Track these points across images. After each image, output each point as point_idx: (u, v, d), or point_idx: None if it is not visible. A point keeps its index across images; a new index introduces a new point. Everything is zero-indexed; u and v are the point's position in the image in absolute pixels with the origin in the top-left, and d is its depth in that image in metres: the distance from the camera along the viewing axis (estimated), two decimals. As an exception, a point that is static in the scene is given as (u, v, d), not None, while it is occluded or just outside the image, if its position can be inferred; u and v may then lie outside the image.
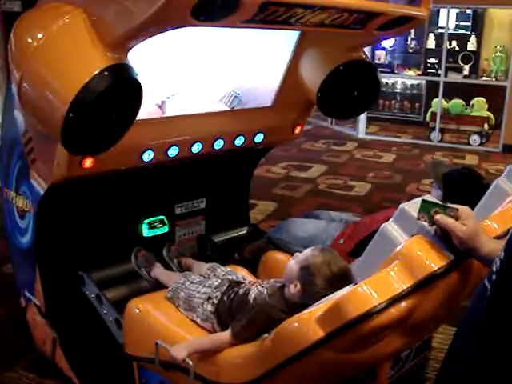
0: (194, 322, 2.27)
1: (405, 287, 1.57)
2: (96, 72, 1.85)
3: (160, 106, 2.53)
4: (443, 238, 1.65)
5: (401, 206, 1.76)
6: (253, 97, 2.88)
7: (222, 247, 3.21)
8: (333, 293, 1.81)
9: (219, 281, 2.33)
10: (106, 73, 1.86)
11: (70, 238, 2.68)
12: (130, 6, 1.82)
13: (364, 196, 6.30)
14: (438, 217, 1.62)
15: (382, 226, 1.78)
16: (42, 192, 2.47)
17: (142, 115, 2.15)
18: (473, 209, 2.29)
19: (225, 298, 2.22)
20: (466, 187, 2.63)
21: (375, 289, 1.55)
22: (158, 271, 2.63)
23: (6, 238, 2.94)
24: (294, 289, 1.98)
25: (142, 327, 2.31)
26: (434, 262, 1.61)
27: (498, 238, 1.88)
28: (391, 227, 1.76)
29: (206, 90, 2.68)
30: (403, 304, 1.55)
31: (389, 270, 1.61)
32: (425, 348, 2.38)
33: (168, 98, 2.54)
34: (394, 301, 1.53)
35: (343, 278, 1.89)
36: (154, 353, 2.13)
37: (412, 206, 1.73)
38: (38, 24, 2.00)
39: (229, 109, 2.80)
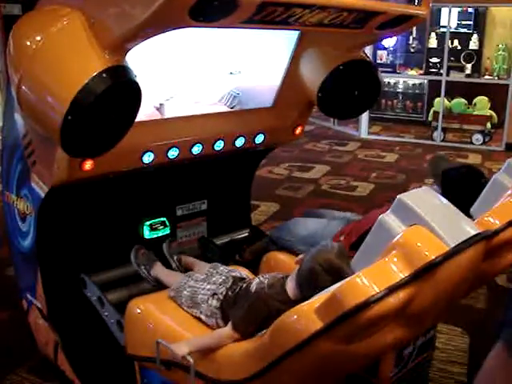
0: (198, 318, 2.27)
1: (402, 276, 1.56)
2: (94, 74, 1.85)
3: (159, 109, 2.52)
4: None
5: (398, 196, 1.77)
6: (253, 97, 2.87)
7: (224, 249, 3.20)
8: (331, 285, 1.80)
9: (223, 277, 2.33)
10: (104, 75, 1.86)
11: (71, 240, 2.68)
12: (127, 8, 1.82)
13: (367, 196, 6.29)
14: None
15: (380, 216, 1.78)
16: (42, 195, 2.47)
17: (141, 117, 2.15)
18: (470, 206, 2.31)
19: (230, 293, 2.22)
20: (463, 187, 2.62)
21: (373, 278, 1.55)
22: (159, 270, 2.62)
23: (7, 241, 2.94)
24: (293, 275, 2.00)
25: (143, 327, 2.31)
26: (431, 251, 1.61)
27: (497, 231, 1.89)
28: (389, 218, 1.75)
29: (206, 90, 2.67)
30: (401, 293, 1.55)
31: (387, 260, 1.61)
32: (428, 347, 2.36)
33: (167, 99, 2.53)
34: (392, 290, 1.53)
35: (345, 272, 1.88)
36: (154, 352, 2.12)
37: (409, 197, 1.73)
38: (36, 27, 2.01)
39: (228, 109, 2.79)
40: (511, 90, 8.68)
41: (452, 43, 10.17)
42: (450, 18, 9.36)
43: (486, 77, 9.80)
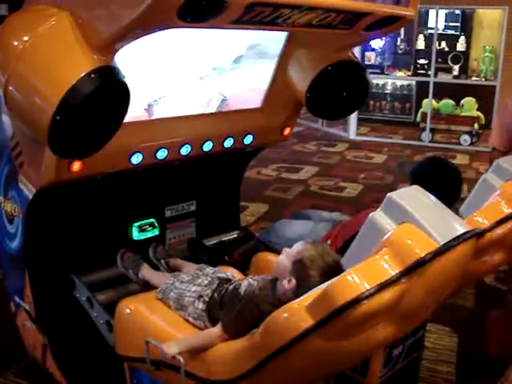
0: (186, 320, 2.26)
1: (393, 273, 1.58)
2: (83, 74, 1.84)
3: (147, 110, 2.52)
4: None
5: (388, 194, 1.79)
6: (241, 98, 2.87)
7: (213, 250, 3.20)
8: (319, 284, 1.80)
9: (209, 279, 2.32)
10: (92, 75, 1.85)
11: (59, 242, 2.66)
12: (115, 9, 1.81)
13: (355, 197, 6.31)
14: None
15: (370, 215, 1.80)
16: (30, 196, 2.45)
17: (129, 118, 2.14)
18: (452, 197, 2.33)
19: (215, 295, 2.22)
20: (433, 176, 2.60)
21: (363, 275, 1.56)
22: (146, 272, 2.61)
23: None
24: (287, 284, 1.97)
25: (133, 327, 2.30)
26: (421, 248, 1.62)
27: (485, 230, 1.92)
28: (379, 216, 1.77)
29: (195, 92, 2.67)
30: (391, 290, 1.56)
31: (377, 258, 1.63)
32: (417, 347, 2.38)
33: (156, 100, 2.53)
34: (383, 287, 1.54)
35: (337, 269, 1.87)
36: (144, 352, 2.11)
37: (399, 195, 1.75)
38: (23, 26, 1.99)
39: (216, 111, 2.79)
40: (498, 91, 8.74)
41: (439, 45, 10.24)
42: (437, 19, 9.43)
43: (474, 78, 9.88)
